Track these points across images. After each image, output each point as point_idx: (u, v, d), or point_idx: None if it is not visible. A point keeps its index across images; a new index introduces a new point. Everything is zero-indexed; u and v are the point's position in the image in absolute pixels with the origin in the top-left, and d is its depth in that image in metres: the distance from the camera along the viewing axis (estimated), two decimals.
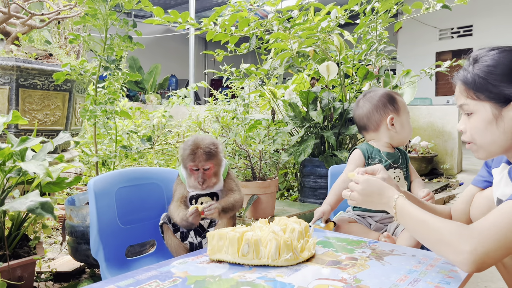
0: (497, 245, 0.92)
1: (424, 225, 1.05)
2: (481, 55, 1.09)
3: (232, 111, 3.51)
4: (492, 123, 1.07)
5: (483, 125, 1.08)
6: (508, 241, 0.92)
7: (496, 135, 1.07)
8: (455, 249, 0.95)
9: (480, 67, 1.07)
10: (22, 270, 1.54)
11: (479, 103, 1.08)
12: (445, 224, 1.01)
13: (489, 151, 1.10)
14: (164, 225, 1.51)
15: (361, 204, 1.22)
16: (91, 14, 2.15)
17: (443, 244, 0.99)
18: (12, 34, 2.95)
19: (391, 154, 1.66)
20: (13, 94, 2.69)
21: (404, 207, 1.11)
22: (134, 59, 11.89)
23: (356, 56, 3.03)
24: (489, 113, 1.06)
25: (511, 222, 0.93)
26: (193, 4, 10.06)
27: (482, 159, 1.15)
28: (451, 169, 4.99)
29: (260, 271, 1.03)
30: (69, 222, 1.87)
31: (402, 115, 1.66)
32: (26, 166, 1.46)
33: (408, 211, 1.10)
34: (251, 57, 8.50)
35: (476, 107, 1.09)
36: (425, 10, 2.76)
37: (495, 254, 0.92)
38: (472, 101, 1.09)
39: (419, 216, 1.07)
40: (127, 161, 3.50)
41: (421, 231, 1.06)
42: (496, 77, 1.05)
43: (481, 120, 1.08)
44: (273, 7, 2.79)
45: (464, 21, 10.12)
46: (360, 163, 1.64)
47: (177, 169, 1.59)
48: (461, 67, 1.16)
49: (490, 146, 1.09)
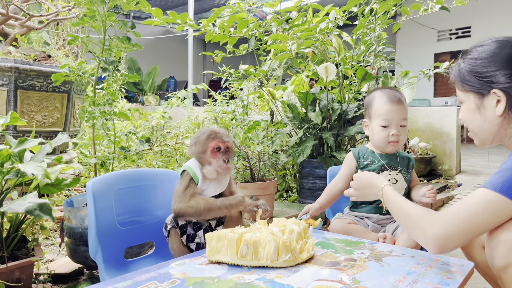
0: (456, 230, 1.01)
1: (402, 212, 1.15)
2: (471, 48, 1.18)
3: (231, 112, 3.51)
4: (475, 112, 1.16)
5: (469, 113, 1.18)
6: (469, 226, 1.01)
7: (480, 123, 1.15)
8: (422, 233, 1.06)
9: (467, 60, 1.16)
10: (20, 272, 1.54)
11: (465, 93, 1.17)
12: (417, 210, 1.11)
13: (481, 138, 1.19)
14: (172, 229, 1.45)
15: (359, 198, 1.35)
16: (89, 16, 2.15)
17: (414, 229, 1.10)
18: (11, 35, 2.94)
19: (386, 156, 1.66)
20: (11, 95, 2.68)
21: (389, 194, 1.23)
22: (133, 60, 11.89)
23: (354, 57, 3.04)
24: (472, 102, 1.16)
25: (473, 210, 1.01)
26: (191, 6, 10.07)
27: (479, 146, 1.22)
28: (450, 170, 4.99)
29: (259, 272, 1.03)
30: (67, 224, 1.87)
31: (373, 120, 1.64)
32: (25, 167, 1.46)
33: (392, 198, 1.21)
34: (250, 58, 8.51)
35: (464, 97, 1.18)
36: (424, 12, 2.77)
37: (455, 238, 1.01)
38: (460, 92, 1.19)
39: (399, 203, 1.18)
40: (126, 163, 3.50)
41: (401, 217, 1.16)
42: (478, 68, 1.13)
43: (468, 109, 1.18)
44: (271, 8, 2.79)
45: (462, 22, 10.15)
46: (352, 165, 1.67)
47: (182, 168, 1.48)
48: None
49: (480, 133, 1.18)
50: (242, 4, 2.74)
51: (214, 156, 1.43)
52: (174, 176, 1.68)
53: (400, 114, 1.59)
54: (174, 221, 1.45)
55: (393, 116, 1.59)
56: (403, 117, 1.60)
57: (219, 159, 1.43)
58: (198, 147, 1.46)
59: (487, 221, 1.00)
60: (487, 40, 1.15)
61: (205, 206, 1.37)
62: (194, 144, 1.47)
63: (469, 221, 1.01)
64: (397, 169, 1.64)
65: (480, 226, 1.01)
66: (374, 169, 1.62)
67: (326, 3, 3.12)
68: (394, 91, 1.63)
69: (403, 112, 1.61)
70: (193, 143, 1.48)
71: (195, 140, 1.47)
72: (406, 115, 1.63)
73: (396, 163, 1.65)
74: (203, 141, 1.45)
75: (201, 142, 1.45)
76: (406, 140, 4.89)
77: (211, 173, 1.43)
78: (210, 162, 1.44)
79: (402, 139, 1.63)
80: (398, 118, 1.59)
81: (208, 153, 1.44)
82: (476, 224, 1.00)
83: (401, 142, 1.63)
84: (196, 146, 1.46)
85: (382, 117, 1.60)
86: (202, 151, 1.45)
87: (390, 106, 1.59)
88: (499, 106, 1.10)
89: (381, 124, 1.60)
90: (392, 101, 1.59)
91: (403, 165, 1.67)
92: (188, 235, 1.45)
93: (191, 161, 1.49)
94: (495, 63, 1.10)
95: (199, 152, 1.46)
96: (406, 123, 1.62)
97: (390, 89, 1.65)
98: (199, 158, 1.46)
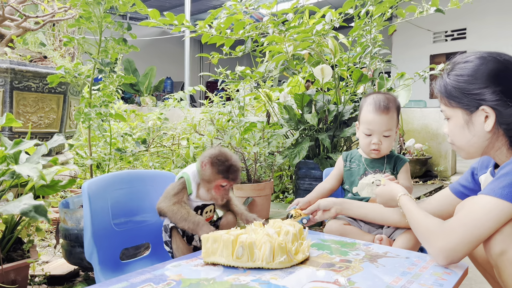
0: (462, 241, 1.04)
1: (415, 222, 1.18)
2: (456, 63, 1.17)
3: (227, 113, 3.51)
4: (464, 127, 1.15)
5: (457, 129, 1.17)
6: (473, 237, 1.03)
7: (469, 138, 1.15)
8: (431, 245, 1.09)
9: (452, 76, 1.16)
10: (16, 273, 1.53)
11: (452, 109, 1.17)
12: (426, 221, 1.14)
13: (468, 151, 1.19)
14: (173, 229, 1.44)
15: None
16: (85, 17, 2.15)
17: (425, 241, 1.13)
18: (7, 36, 2.94)
19: (372, 160, 1.70)
20: (7, 96, 2.68)
21: (405, 204, 1.26)
22: (129, 61, 11.87)
23: (350, 59, 3.05)
24: (460, 118, 1.15)
25: (475, 219, 1.03)
26: (188, 7, 10.07)
27: (465, 158, 1.24)
28: (445, 171, 5.02)
29: (254, 274, 1.03)
30: (63, 225, 1.86)
31: (360, 126, 1.68)
32: (20, 169, 1.45)
33: (408, 208, 1.24)
34: (247, 60, 8.51)
35: (450, 113, 1.18)
36: (419, 14, 2.78)
37: (462, 249, 1.04)
38: (447, 108, 1.18)
39: (412, 213, 1.21)
40: (122, 164, 3.50)
41: (414, 228, 1.19)
42: (465, 85, 1.12)
43: (455, 125, 1.17)
44: (268, 10, 2.80)
45: (458, 24, 10.19)
46: (341, 166, 1.75)
47: (181, 174, 1.46)
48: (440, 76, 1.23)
49: (468, 147, 1.18)
50: (239, 6, 2.74)
51: (217, 191, 1.42)
52: (170, 177, 1.68)
53: (383, 125, 1.61)
54: None
55: (376, 126, 1.61)
56: (387, 127, 1.61)
57: (220, 193, 1.42)
58: (206, 173, 1.41)
59: (491, 227, 1.02)
60: (470, 56, 1.15)
61: (182, 216, 1.37)
62: (204, 164, 1.42)
63: (474, 231, 1.03)
64: (382, 171, 1.67)
65: (485, 233, 1.03)
66: (358, 173, 1.69)
67: (322, 5, 3.14)
68: (385, 99, 1.62)
69: (389, 122, 1.61)
70: (204, 163, 1.42)
71: (206, 162, 1.41)
72: (393, 124, 1.63)
73: (382, 166, 1.68)
74: (215, 172, 1.40)
75: (213, 171, 1.40)
76: (402, 141, 4.91)
77: (205, 197, 1.45)
78: (210, 192, 1.43)
79: (385, 147, 1.64)
80: (380, 128, 1.61)
81: (213, 185, 1.42)
82: (481, 232, 1.03)
83: (383, 150, 1.65)
84: (205, 171, 1.42)
85: (365, 125, 1.64)
86: (208, 180, 1.42)
87: (374, 116, 1.61)
88: (488, 122, 1.10)
89: (364, 132, 1.65)
90: (377, 111, 1.60)
91: (390, 167, 1.68)
92: (187, 236, 1.46)
93: (192, 170, 1.46)
94: (482, 79, 1.10)
95: (204, 177, 1.42)
96: (390, 133, 1.63)
97: (383, 95, 1.65)
98: (202, 180, 1.44)
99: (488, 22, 9.52)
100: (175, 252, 1.44)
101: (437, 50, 10.84)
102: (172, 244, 1.44)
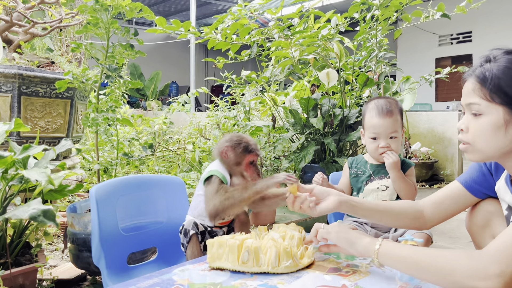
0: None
1: (431, 257, 0.96)
2: (499, 56, 1.01)
3: (233, 117, 3.52)
4: (501, 128, 0.99)
5: (491, 129, 1.00)
6: None
7: (502, 141, 1.00)
8: (480, 276, 0.88)
9: (501, 67, 0.98)
10: (24, 277, 1.54)
11: (492, 105, 0.99)
12: (453, 257, 0.93)
13: (487, 155, 1.04)
14: (194, 235, 1.44)
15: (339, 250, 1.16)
16: (93, 23, 2.17)
17: (457, 276, 0.91)
18: (15, 42, 2.97)
19: (377, 166, 1.69)
20: (15, 101, 2.70)
21: (389, 249, 1.02)
22: (135, 66, 11.95)
23: (356, 63, 3.05)
24: (500, 117, 0.98)
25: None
26: (194, 12, 10.13)
27: (474, 161, 1.09)
28: (452, 175, 4.99)
29: (261, 279, 1.04)
30: (70, 230, 1.88)
31: (365, 132, 1.68)
32: (28, 173, 1.47)
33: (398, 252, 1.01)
34: (252, 64, 8.53)
35: (487, 109, 0.99)
36: (425, 19, 2.78)
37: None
38: (485, 102, 0.99)
39: (421, 250, 1.01)
40: (129, 168, 3.51)
41: (431, 264, 0.95)
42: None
43: (490, 123, 0.99)
44: (273, 15, 2.81)
45: (463, 27, 10.16)
46: (346, 172, 1.76)
47: (208, 174, 1.44)
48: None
49: (490, 150, 1.02)
50: (244, 11, 2.76)
51: (248, 170, 1.44)
52: (177, 182, 1.69)
53: (388, 128, 1.61)
54: (196, 226, 1.45)
55: (381, 129, 1.61)
56: (392, 129, 1.62)
57: (252, 172, 1.44)
58: (232, 159, 1.44)
59: None
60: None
61: (239, 194, 1.34)
62: (225, 153, 1.44)
63: None
64: (387, 176, 1.66)
65: None
66: (363, 180, 1.69)
67: (327, 9, 3.14)
68: (387, 103, 1.63)
69: (394, 124, 1.62)
70: (224, 151, 1.44)
71: (227, 149, 1.44)
72: (398, 126, 1.63)
73: (386, 173, 1.66)
74: (239, 153, 1.43)
75: (236, 154, 1.43)
76: (408, 145, 4.89)
77: (240, 183, 1.45)
78: (243, 175, 1.45)
79: (394, 148, 1.64)
80: (386, 131, 1.61)
81: (243, 166, 1.44)
82: None
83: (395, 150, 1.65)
84: (229, 157, 1.44)
85: (371, 130, 1.64)
86: (236, 163, 1.44)
87: (378, 119, 1.61)
88: None
89: (370, 136, 1.64)
90: (380, 115, 1.61)
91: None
92: (205, 245, 1.44)
93: (216, 165, 1.47)
94: None
95: (232, 163, 1.44)
96: (397, 135, 1.63)
97: (384, 99, 1.66)
98: (230, 167, 1.45)
99: (493, 25, 9.48)
100: (189, 257, 1.45)
101: (442, 54, 10.80)
102: (188, 250, 1.45)
